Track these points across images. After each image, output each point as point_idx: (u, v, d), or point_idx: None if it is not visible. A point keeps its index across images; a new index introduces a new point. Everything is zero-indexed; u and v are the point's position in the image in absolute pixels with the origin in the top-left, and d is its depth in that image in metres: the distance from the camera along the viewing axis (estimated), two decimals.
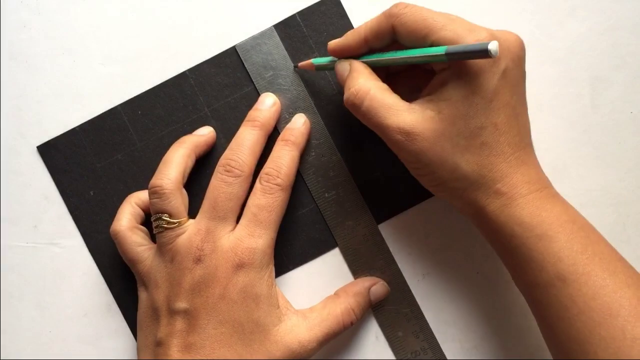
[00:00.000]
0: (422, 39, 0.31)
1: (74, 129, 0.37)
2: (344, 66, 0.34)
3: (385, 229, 0.37)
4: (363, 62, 0.33)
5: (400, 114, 0.31)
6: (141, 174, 0.37)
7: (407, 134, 0.31)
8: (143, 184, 0.37)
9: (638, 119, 0.37)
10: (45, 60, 0.38)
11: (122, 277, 0.37)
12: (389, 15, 0.32)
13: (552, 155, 0.37)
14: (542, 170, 0.32)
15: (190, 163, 0.35)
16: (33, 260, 0.37)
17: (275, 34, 0.37)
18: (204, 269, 0.32)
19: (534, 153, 0.32)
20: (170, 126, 0.37)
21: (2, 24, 0.38)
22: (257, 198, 0.34)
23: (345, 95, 0.32)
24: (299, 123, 0.36)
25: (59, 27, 0.38)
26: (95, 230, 0.37)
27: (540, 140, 0.37)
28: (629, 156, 0.37)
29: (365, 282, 0.36)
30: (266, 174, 0.34)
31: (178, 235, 0.33)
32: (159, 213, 0.33)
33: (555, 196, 0.32)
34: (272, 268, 0.34)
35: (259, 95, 0.37)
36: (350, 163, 0.37)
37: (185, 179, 0.35)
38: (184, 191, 0.35)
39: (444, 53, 0.29)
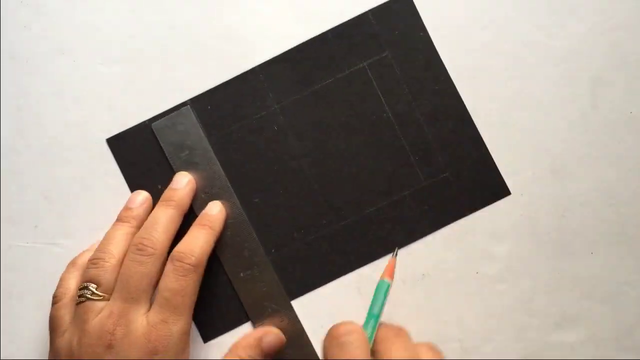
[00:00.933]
0: None
1: (144, 122, 0.37)
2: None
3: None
4: None
5: None
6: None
7: None
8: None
9: (638, 119, 0.37)
10: (45, 60, 0.38)
11: None
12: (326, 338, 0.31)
13: (552, 155, 0.37)
14: None
15: (131, 239, 0.35)
16: (33, 260, 0.37)
17: (191, 112, 0.37)
18: (115, 355, 0.31)
19: None
20: (239, 122, 0.37)
21: (2, 24, 0.38)
22: (170, 281, 0.33)
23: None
24: (215, 210, 0.36)
25: (59, 27, 0.38)
26: None
27: (540, 140, 0.37)
28: (629, 156, 0.37)
29: (255, 333, 0.35)
30: (178, 253, 0.33)
31: (95, 313, 0.32)
32: (88, 282, 0.33)
33: None
34: (188, 351, 0.33)
35: (327, 92, 0.37)
36: (263, 241, 0.37)
37: (124, 255, 0.34)
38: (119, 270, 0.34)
39: None
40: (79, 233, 0.37)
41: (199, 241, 0.34)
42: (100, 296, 0.33)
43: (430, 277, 0.37)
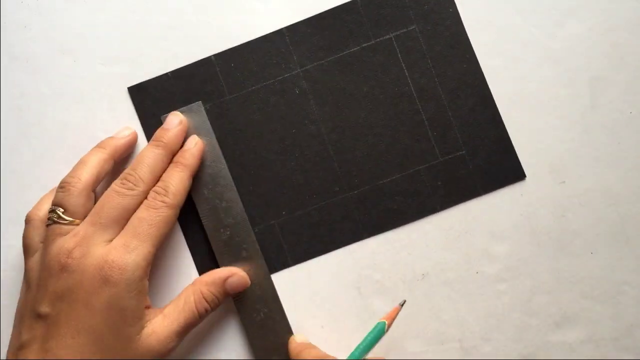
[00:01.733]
0: None
1: (166, 74, 0.37)
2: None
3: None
4: None
5: None
6: (229, 125, 0.37)
7: None
8: (228, 136, 0.37)
9: (637, 119, 0.37)
10: (45, 60, 0.38)
11: None
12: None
13: (552, 155, 0.37)
14: None
15: (107, 167, 0.35)
16: None
17: (202, 108, 0.37)
18: (70, 274, 0.31)
19: None
20: (261, 82, 0.37)
21: (2, 24, 0.38)
22: (141, 211, 0.33)
23: None
24: (191, 144, 0.36)
25: (59, 27, 0.38)
26: None
27: (540, 141, 0.38)
28: (628, 156, 0.37)
29: (222, 272, 0.36)
30: (153, 191, 0.34)
31: (61, 235, 0.32)
32: (55, 206, 0.33)
33: None
34: (144, 282, 0.33)
35: (352, 60, 0.37)
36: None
37: (99, 182, 0.35)
38: (92, 196, 0.34)
39: None
40: None
41: (173, 180, 0.34)
42: (67, 220, 0.33)
43: (430, 277, 0.37)
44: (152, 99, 0.37)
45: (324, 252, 0.37)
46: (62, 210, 0.33)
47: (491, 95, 0.37)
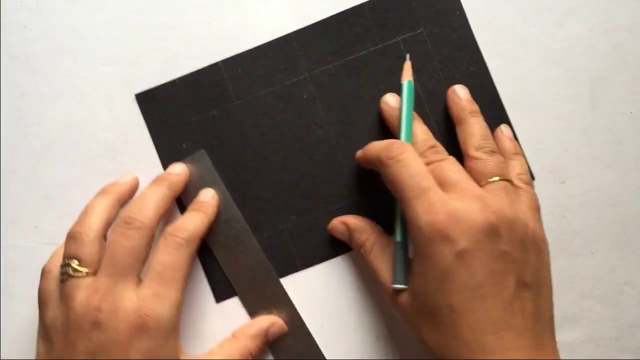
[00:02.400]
0: (397, 196, 0.32)
1: (173, 81, 0.37)
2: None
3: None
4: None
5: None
6: (237, 131, 0.37)
7: (392, 298, 0.33)
8: (236, 142, 0.37)
9: (638, 119, 0.37)
10: (45, 60, 0.38)
11: None
12: (379, 160, 0.32)
13: (552, 155, 0.37)
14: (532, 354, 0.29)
15: (114, 213, 0.34)
16: (33, 260, 0.37)
17: (206, 156, 0.37)
18: (103, 332, 0.30)
19: (527, 336, 0.29)
20: (269, 87, 0.37)
21: (2, 24, 0.38)
22: (161, 254, 0.32)
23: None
24: (208, 196, 0.36)
25: (59, 27, 0.38)
26: None
27: (541, 141, 0.37)
28: (628, 156, 0.37)
29: (263, 322, 0.35)
30: (171, 228, 0.32)
31: (80, 289, 0.31)
32: (68, 258, 0.31)
33: None
34: (178, 330, 0.32)
35: (359, 64, 0.37)
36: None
37: (108, 229, 0.33)
38: (104, 243, 0.32)
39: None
40: None
41: (192, 220, 0.33)
42: (83, 272, 0.31)
43: None
44: (160, 106, 0.37)
45: (333, 256, 0.37)
46: (76, 262, 0.31)
47: (499, 97, 0.37)
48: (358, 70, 0.37)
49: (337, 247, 0.37)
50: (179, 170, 0.36)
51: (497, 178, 0.32)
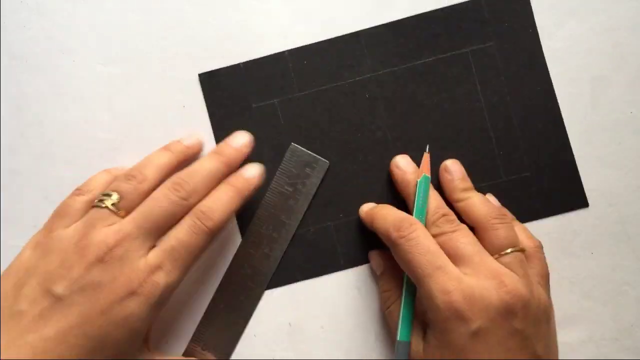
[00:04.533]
0: (409, 273, 0.32)
1: (238, 65, 0.37)
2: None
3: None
4: None
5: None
6: (293, 122, 0.37)
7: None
8: (294, 132, 0.37)
9: (638, 119, 0.37)
10: (45, 60, 0.38)
11: None
12: (388, 236, 0.32)
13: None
14: None
15: (170, 173, 0.34)
16: None
17: (325, 168, 0.37)
18: (102, 272, 0.30)
19: None
20: (332, 82, 0.37)
21: (2, 24, 0.38)
22: (182, 232, 0.32)
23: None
24: (251, 173, 0.34)
25: (59, 27, 0.38)
26: None
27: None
28: (629, 156, 0.37)
29: None
30: (200, 211, 0.32)
31: (105, 222, 0.31)
32: (115, 192, 0.32)
33: None
34: (159, 312, 0.32)
35: (425, 70, 0.37)
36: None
37: (157, 186, 0.33)
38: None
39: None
40: None
41: (222, 203, 0.33)
42: (117, 210, 0.31)
43: None
44: (222, 88, 0.37)
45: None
46: (117, 198, 0.32)
47: (562, 121, 0.37)
48: (423, 76, 0.37)
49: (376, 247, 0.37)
50: (241, 143, 0.35)
51: (510, 250, 0.32)
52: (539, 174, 0.37)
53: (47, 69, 0.38)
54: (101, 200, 0.32)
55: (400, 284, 0.34)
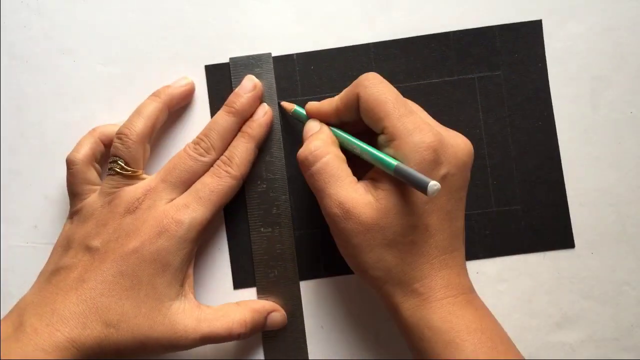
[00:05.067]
0: (376, 122, 0.31)
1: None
2: (313, 125, 0.35)
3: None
4: (332, 130, 0.34)
5: (345, 188, 0.31)
6: (294, 126, 0.37)
7: (346, 211, 0.31)
8: (292, 135, 0.36)
9: (638, 119, 0.37)
10: (45, 60, 0.38)
11: None
12: (356, 85, 0.32)
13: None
14: (466, 276, 0.32)
15: (162, 117, 0.36)
16: (33, 260, 0.37)
17: (271, 60, 0.37)
18: (133, 219, 0.33)
19: (463, 258, 0.32)
20: (336, 90, 0.36)
21: (2, 24, 0.38)
22: (206, 177, 0.35)
23: (301, 151, 0.33)
24: (260, 114, 0.36)
25: (59, 27, 0.38)
26: None
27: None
28: (629, 156, 0.37)
29: (267, 304, 0.36)
30: (221, 161, 0.35)
31: (126, 184, 0.34)
32: (117, 157, 0.34)
33: (470, 303, 0.31)
34: (194, 247, 0.34)
35: (430, 91, 0.37)
36: (295, 209, 0.37)
37: (154, 133, 0.36)
38: (148, 146, 0.36)
39: (392, 170, 0.30)
40: None
41: (239, 150, 0.35)
42: (130, 170, 0.34)
43: None
44: (225, 81, 0.37)
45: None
46: (123, 161, 0.34)
47: (559, 159, 0.37)
48: (428, 96, 0.37)
49: None
50: (249, 88, 0.36)
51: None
52: (529, 209, 0.37)
53: (47, 69, 0.38)
54: (111, 169, 0.35)
55: (331, 138, 0.33)
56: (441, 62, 0.37)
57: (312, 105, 0.35)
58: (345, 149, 0.33)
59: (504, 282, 0.37)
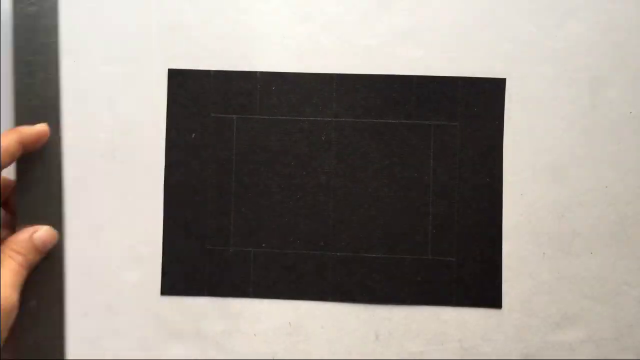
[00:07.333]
0: None
1: (208, 71, 0.37)
2: None
3: None
4: None
5: None
6: (247, 141, 0.37)
7: None
8: (246, 151, 0.37)
9: (637, 119, 0.37)
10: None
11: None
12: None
13: (552, 155, 0.37)
14: None
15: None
16: None
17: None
18: None
19: None
20: (294, 115, 0.37)
21: (2, 24, 0.38)
22: None
23: None
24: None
25: (59, 27, 0.38)
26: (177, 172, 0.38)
27: (541, 140, 0.37)
28: (628, 156, 0.37)
29: (25, 231, 0.35)
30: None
31: None
32: None
33: None
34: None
35: (385, 130, 0.37)
36: None
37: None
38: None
39: None
40: (79, 233, 0.37)
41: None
42: None
43: None
44: (186, 88, 0.38)
45: (285, 297, 0.37)
46: None
47: (501, 220, 0.37)
48: (382, 135, 0.37)
49: (293, 290, 0.37)
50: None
51: None
52: (463, 263, 0.37)
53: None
54: None
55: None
56: (401, 104, 0.37)
57: None
58: None
59: (503, 282, 0.37)
